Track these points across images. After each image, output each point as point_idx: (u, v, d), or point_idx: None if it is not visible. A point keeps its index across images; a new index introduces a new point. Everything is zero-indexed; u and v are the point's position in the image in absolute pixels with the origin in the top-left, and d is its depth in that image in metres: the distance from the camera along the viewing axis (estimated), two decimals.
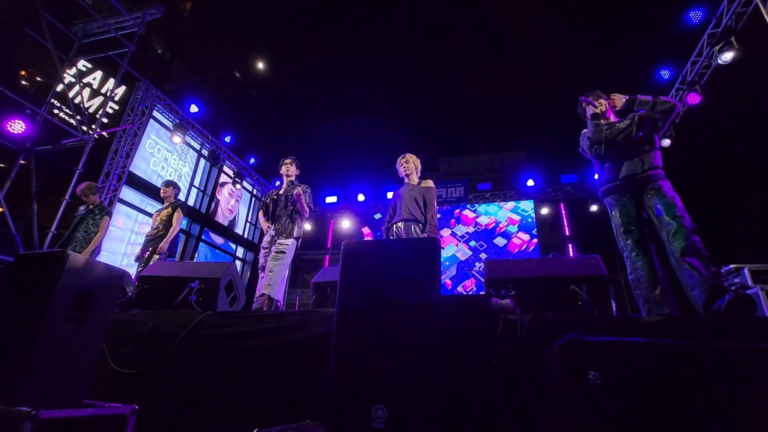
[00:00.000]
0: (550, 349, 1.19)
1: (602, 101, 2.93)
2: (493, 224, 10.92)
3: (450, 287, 10.27)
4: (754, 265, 3.85)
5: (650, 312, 2.32)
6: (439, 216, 11.18)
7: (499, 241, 10.63)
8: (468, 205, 11.33)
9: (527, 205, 11.06)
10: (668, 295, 2.34)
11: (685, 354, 0.93)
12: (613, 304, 2.66)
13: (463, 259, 10.66)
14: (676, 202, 2.49)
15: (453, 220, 11.32)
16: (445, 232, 11.13)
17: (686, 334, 1.50)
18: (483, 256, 10.50)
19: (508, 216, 10.93)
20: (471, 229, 11.07)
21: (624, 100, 2.90)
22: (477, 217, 11.17)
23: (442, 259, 10.62)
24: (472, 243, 10.83)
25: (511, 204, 11.19)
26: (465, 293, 10.00)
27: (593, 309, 1.88)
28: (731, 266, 4.06)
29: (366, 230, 12.17)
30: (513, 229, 10.74)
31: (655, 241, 2.54)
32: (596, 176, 2.91)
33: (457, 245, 10.90)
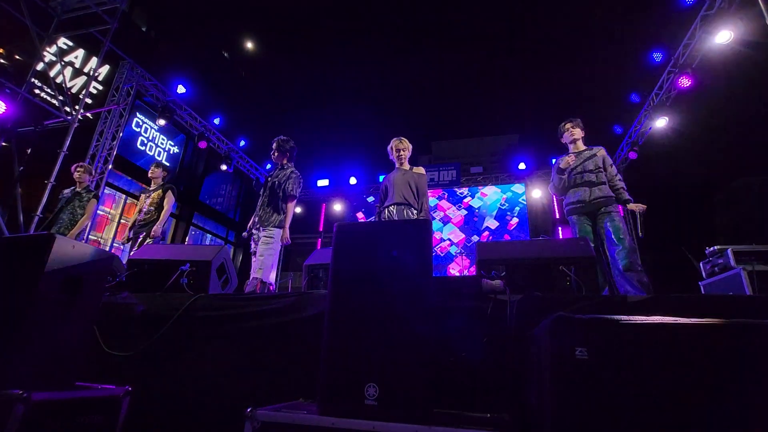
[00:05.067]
0: (539, 327, 1.22)
1: (567, 158, 3.57)
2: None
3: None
4: (737, 246, 3.93)
5: None
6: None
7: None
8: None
9: (518, 188, 11.19)
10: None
11: (672, 330, 0.95)
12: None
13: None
14: (622, 225, 3.21)
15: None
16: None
17: (671, 311, 1.54)
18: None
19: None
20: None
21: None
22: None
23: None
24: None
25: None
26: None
27: (581, 289, 1.92)
28: (715, 247, 4.15)
29: (360, 215, 12.16)
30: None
31: (604, 252, 3.28)
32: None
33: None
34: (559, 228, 10.68)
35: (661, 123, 8.18)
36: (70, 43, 7.72)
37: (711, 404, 0.90)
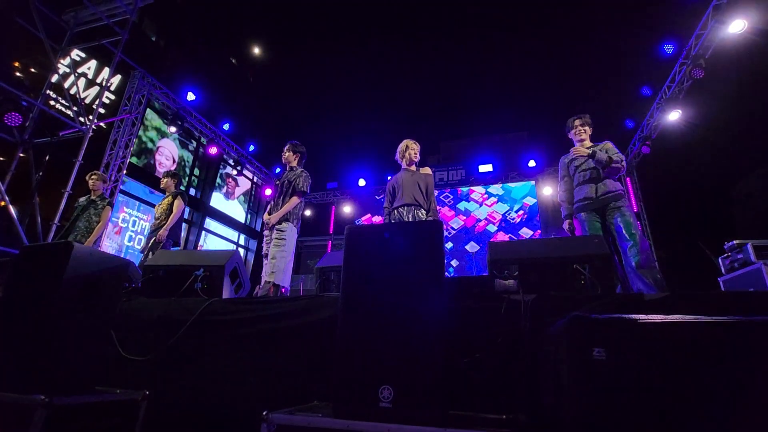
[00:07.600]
0: (555, 327, 1.20)
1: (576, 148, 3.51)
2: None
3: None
4: (757, 240, 3.83)
5: None
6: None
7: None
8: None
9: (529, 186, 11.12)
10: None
11: (692, 329, 0.93)
12: None
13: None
14: (633, 220, 3.10)
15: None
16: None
17: (690, 309, 1.50)
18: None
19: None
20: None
21: (587, 153, 3.47)
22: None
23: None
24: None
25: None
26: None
27: (596, 287, 1.89)
28: (734, 242, 4.05)
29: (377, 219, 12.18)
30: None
31: (615, 249, 3.17)
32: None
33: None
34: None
35: (674, 116, 8.02)
36: (83, 55, 7.89)
37: (733, 404, 0.88)
